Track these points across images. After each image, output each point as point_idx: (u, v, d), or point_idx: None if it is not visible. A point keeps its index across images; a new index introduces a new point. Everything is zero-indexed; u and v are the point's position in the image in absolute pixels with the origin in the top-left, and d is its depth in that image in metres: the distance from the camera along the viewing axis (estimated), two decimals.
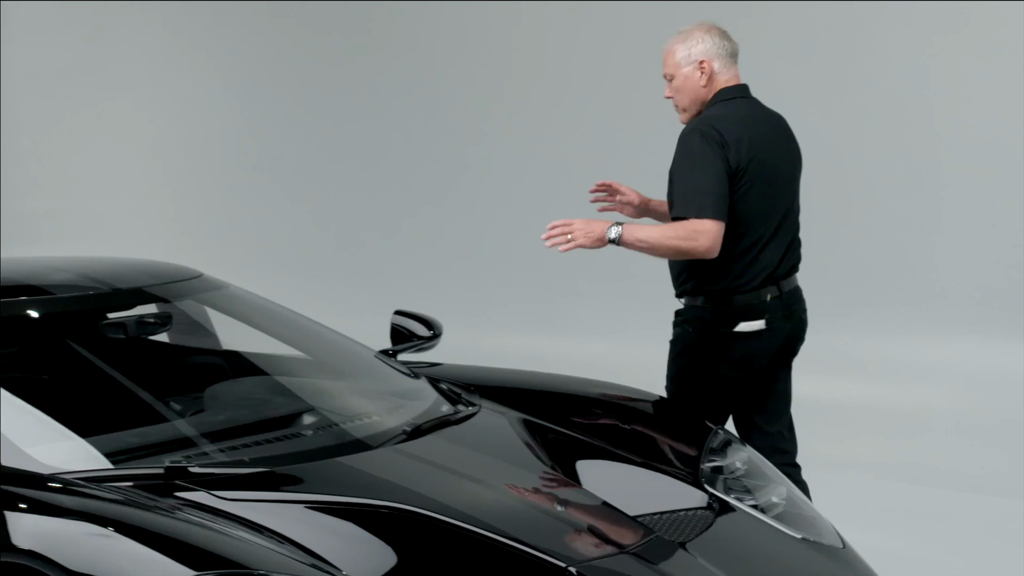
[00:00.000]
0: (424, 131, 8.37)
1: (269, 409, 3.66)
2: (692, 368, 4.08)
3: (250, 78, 9.20)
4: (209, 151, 9.48)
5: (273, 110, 9.09)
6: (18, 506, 2.80)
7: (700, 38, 4.06)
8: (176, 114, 9.62)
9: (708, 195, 3.86)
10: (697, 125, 3.99)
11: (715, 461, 3.51)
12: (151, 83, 9.70)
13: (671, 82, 4.09)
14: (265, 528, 2.82)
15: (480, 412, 3.72)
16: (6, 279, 3.99)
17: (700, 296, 4.04)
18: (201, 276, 4.17)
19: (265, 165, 9.21)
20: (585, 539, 2.99)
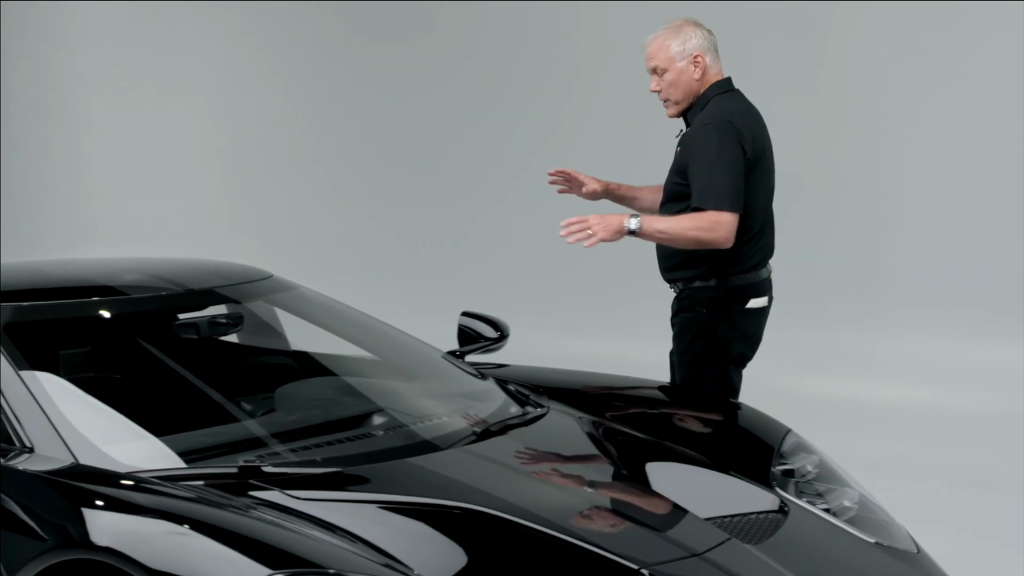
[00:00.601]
0: (489, 133, 8.38)
1: (339, 409, 3.68)
2: (709, 350, 4.16)
3: (317, 82, 9.25)
4: (274, 154, 9.54)
5: (338, 114, 9.13)
6: (96, 504, 2.83)
7: (692, 32, 4.18)
8: (243, 117, 9.69)
9: (727, 189, 4.00)
10: (711, 120, 4.11)
11: (786, 464, 3.48)
12: (219, 87, 9.78)
13: (662, 76, 4.20)
14: (337, 527, 2.84)
15: (549, 413, 3.71)
16: (80, 279, 4.05)
17: (713, 278, 4.13)
18: (271, 277, 4.20)
19: (330, 168, 9.26)
20: (657, 541, 2.96)
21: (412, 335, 4.27)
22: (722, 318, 4.15)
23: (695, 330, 4.17)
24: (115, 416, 3.32)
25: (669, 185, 4.24)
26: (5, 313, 3.53)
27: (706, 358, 4.17)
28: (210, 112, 9.84)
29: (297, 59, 9.32)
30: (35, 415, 3.17)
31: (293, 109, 9.39)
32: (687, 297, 4.20)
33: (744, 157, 4.07)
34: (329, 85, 9.16)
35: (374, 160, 8.99)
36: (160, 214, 10.01)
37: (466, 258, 8.37)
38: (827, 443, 3.89)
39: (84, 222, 10.41)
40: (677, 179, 4.19)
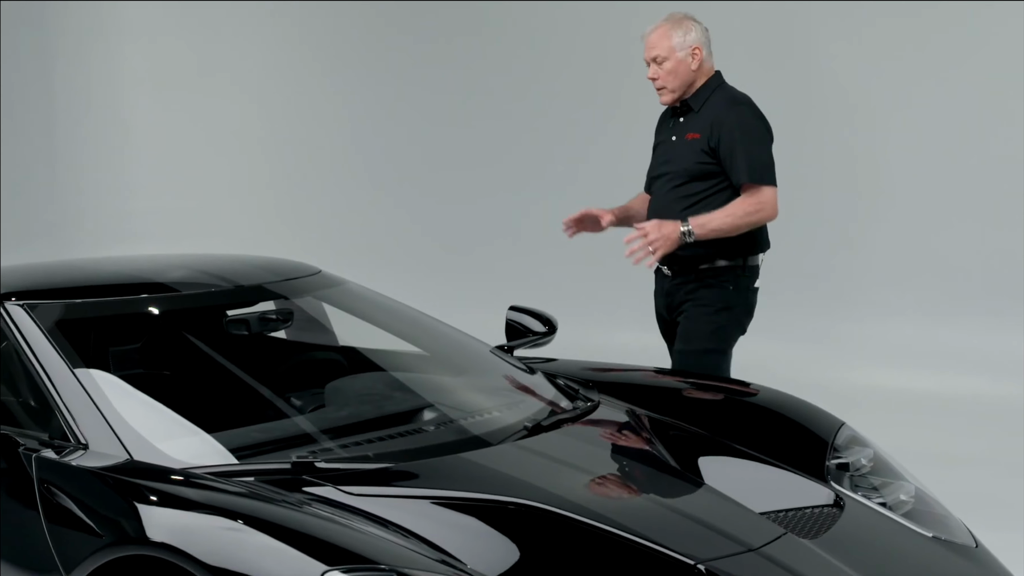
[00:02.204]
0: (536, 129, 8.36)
1: (389, 405, 3.68)
2: (730, 324, 4.47)
3: (361, 77, 9.26)
4: (319, 150, 9.57)
5: (383, 110, 9.15)
6: (151, 500, 2.84)
7: (691, 26, 4.48)
8: (288, 114, 9.72)
9: (769, 165, 4.37)
10: (735, 101, 4.45)
11: (841, 457, 3.44)
12: (263, 83, 9.82)
13: (661, 64, 4.45)
14: (390, 523, 2.84)
15: (599, 408, 3.69)
16: (130, 276, 4.07)
17: (739, 257, 4.42)
18: (320, 273, 4.20)
19: (375, 163, 9.27)
20: (712, 536, 2.93)
21: (460, 330, 4.26)
22: (742, 295, 4.47)
23: (721, 304, 4.43)
24: (167, 413, 3.33)
25: (692, 165, 4.42)
26: (58, 311, 3.55)
27: (727, 330, 4.47)
28: (255, 108, 9.88)
29: (342, 55, 9.34)
30: (89, 412, 3.19)
31: (338, 106, 9.41)
32: (713, 275, 4.42)
33: (769, 136, 4.44)
34: (374, 81, 9.17)
35: (420, 156, 8.99)
36: (204, 211, 10.06)
37: (514, 252, 8.37)
38: (879, 435, 3.86)
39: (128, 218, 10.47)
40: (704, 159, 4.40)
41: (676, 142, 4.51)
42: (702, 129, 4.42)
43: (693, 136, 4.43)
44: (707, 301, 4.43)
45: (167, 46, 10.34)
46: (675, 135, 4.52)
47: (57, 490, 3.02)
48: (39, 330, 3.43)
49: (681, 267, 4.46)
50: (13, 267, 4.14)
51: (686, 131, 4.48)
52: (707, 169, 4.40)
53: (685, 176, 4.43)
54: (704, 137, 4.40)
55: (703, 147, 4.40)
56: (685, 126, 4.50)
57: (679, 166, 4.46)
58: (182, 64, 10.25)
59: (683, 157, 4.45)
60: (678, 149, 4.49)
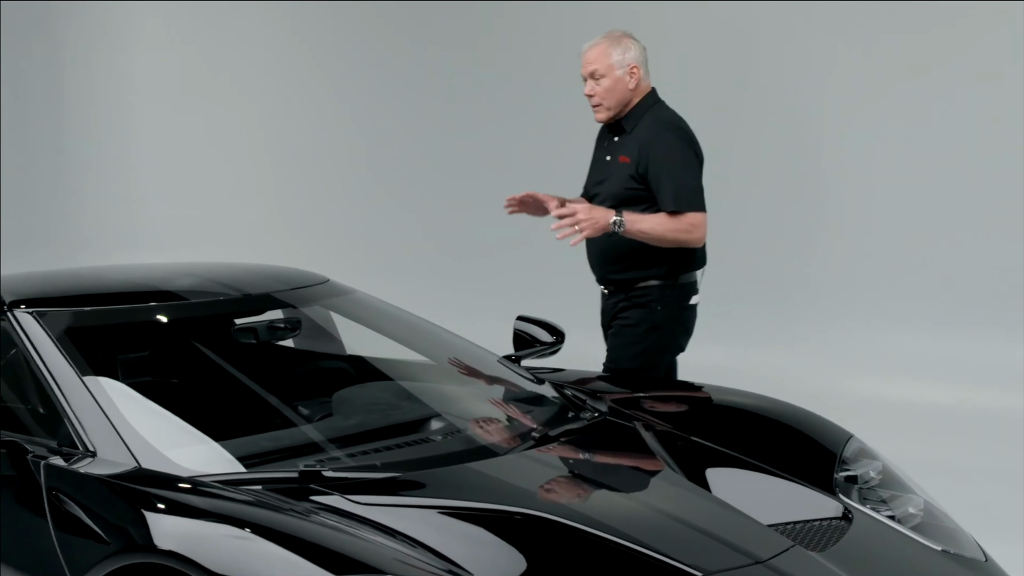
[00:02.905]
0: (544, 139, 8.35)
1: (396, 414, 3.68)
2: (660, 343, 4.48)
3: (368, 86, 9.26)
4: (326, 159, 9.57)
5: (390, 119, 9.15)
6: (159, 507, 2.84)
7: (630, 44, 4.47)
8: (294, 122, 9.74)
9: (696, 191, 4.37)
10: (664, 125, 4.42)
11: (849, 470, 3.43)
12: (271, 91, 9.83)
13: (599, 81, 4.44)
14: (398, 532, 2.83)
15: (607, 419, 3.69)
16: (138, 284, 4.07)
17: (670, 277, 4.43)
18: (328, 282, 4.20)
19: (382, 172, 9.28)
20: (720, 548, 2.92)
21: (468, 339, 4.26)
22: (672, 314, 4.46)
23: (648, 325, 4.44)
24: (175, 421, 3.33)
25: (621, 190, 4.41)
26: (67, 319, 3.55)
27: (656, 350, 4.48)
28: (262, 117, 9.90)
29: (350, 63, 9.35)
30: (98, 420, 3.19)
31: (347, 114, 9.42)
32: (641, 295, 4.44)
33: (698, 160, 4.44)
34: (382, 89, 9.18)
35: (428, 165, 8.99)
36: (212, 219, 10.08)
37: (522, 262, 8.35)
38: (887, 447, 3.85)
39: (135, 227, 10.50)
40: (632, 184, 4.39)
41: (610, 163, 4.51)
42: (631, 153, 4.41)
43: (624, 160, 4.43)
44: (633, 321, 4.45)
45: (174, 54, 10.37)
46: (608, 155, 4.52)
47: (65, 497, 3.02)
48: (48, 337, 3.44)
49: (616, 286, 4.50)
50: (22, 275, 4.15)
51: (619, 152, 4.47)
52: (636, 195, 4.39)
53: (614, 200, 4.41)
54: (633, 162, 4.39)
55: (631, 172, 4.39)
56: (618, 147, 4.50)
57: (609, 190, 4.46)
58: (190, 72, 10.28)
59: (614, 181, 4.45)
60: (610, 170, 4.49)
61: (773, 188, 7.34)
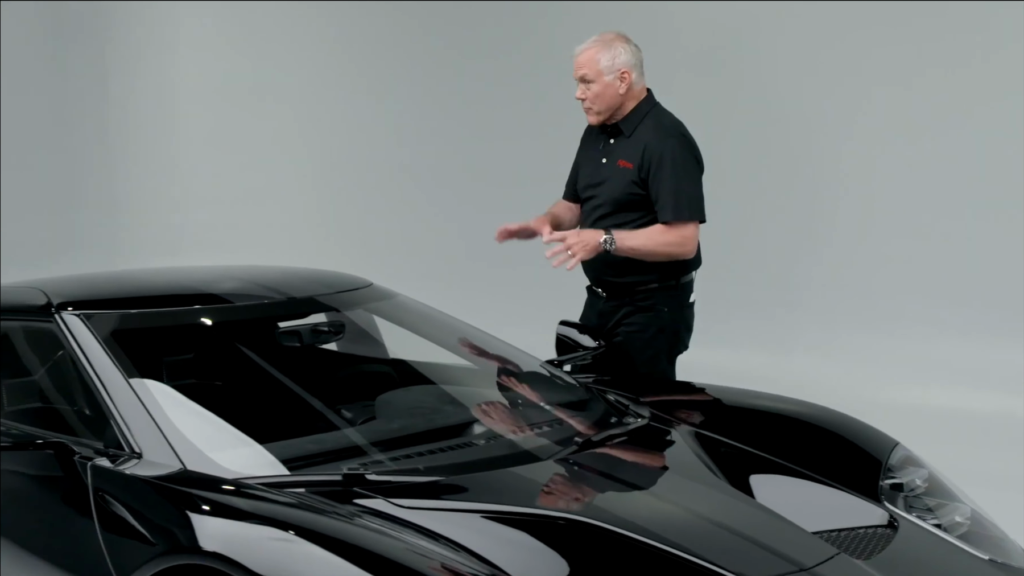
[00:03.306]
0: None
1: (439, 418, 3.68)
2: (668, 344, 4.49)
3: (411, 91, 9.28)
4: (372, 163, 9.58)
5: (431, 123, 9.16)
6: (204, 509, 2.86)
7: (622, 48, 4.39)
8: (337, 126, 9.77)
9: (697, 199, 4.35)
10: (666, 132, 4.37)
11: (895, 478, 3.40)
12: (314, 96, 9.87)
13: (589, 85, 4.39)
14: (441, 536, 2.83)
15: (650, 424, 3.67)
16: (183, 287, 4.11)
17: (673, 278, 4.42)
18: (371, 286, 4.22)
19: (427, 178, 9.28)
20: (763, 555, 2.90)
21: (510, 343, 4.27)
22: (677, 314, 4.47)
23: (656, 328, 4.43)
24: (220, 423, 3.36)
25: (622, 195, 4.37)
26: (113, 321, 3.58)
27: (666, 352, 4.48)
28: (306, 122, 9.93)
29: (391, 68, 9.37)
30: (144, 422, 3.22)
31: (387, 118, 9.44)
32: (644, 298, 4.41)
33: (699, 168, 4.40)
34: (423, 95, 9.20)
35: (470, 170, 8.99)
36: (256, 223, 10.13)
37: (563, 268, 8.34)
38: (932, 455, 3.81)
39: (179, 230, 10.57)
40: (634, 189, 4.35)
41: (606, 165, 4.46)
42: (633, 158, 4.36)
43: (625, 164, 4.38)
44: (641, 326, 4.42)
45: (219, 60, 10.43)
46: (605, 157, 4.47)
47: (111, 498, 3.05)
48: (95, 339, 3.47)
49: (615, 291, 4.46)
50: (68, 277, 4.19)
51: (617, 156, 4.43)
52: (637, 199, 4.36)
53: (613, 205, 4.40)
54: (635, 167, 4.35)
55: (633, 178, 4.35)
56: (616, 150, 4.45)
57: (609, 194, 4.42)
58: (233, 78, 10.34)
59: (613, 185, 4.41)
60: (607, 173, 4.44)
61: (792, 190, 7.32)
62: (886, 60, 6.97)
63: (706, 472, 3.39)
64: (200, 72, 10.55)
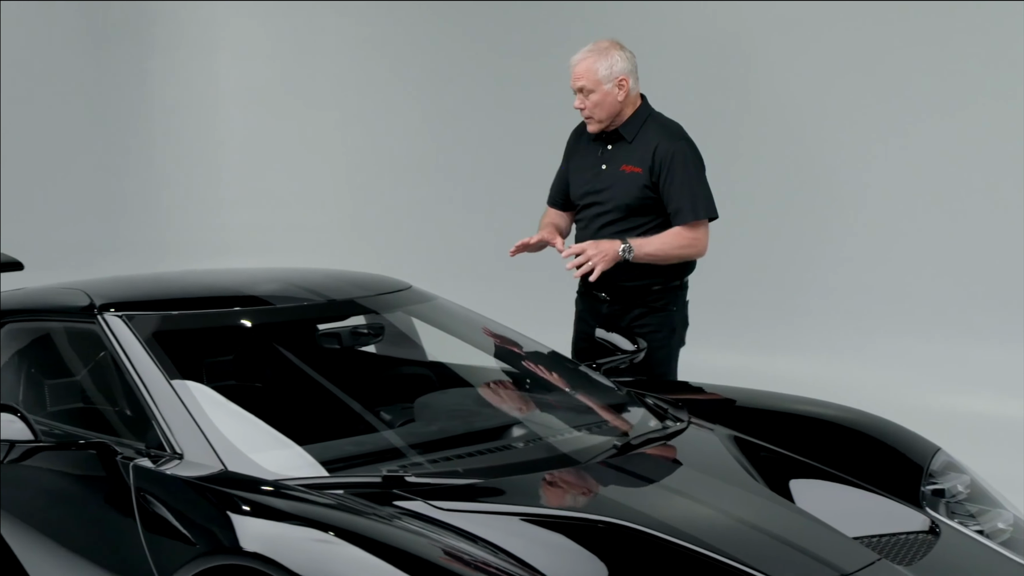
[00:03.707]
0: None
1: (478, 421, 3.68)
2: (677, 343, 4.58)
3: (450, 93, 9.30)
4: (412, 167, 9.61)
5: (473, 128, 9.17)
6: (244, 510, 2.87)
7: (618, 56, 4.45)
8: (377, 129, 9.80)
9: (710, 198, 4.44)
10: (677, 133, 4.46)
11: (936, 483, 3.38)
12: (353, 99, 9.91)
13: (588, 95, 4.45)
14: (480, 538, 2.83)
15: (689, 428, 3.66)
16: (223, 289, 4.13)
17: (679, 278, 4.53)
18: (410, 288, 4.22)
19: (467, 182, 9.30)
20: (803, 560, 2.89)
21: (548, 347, 4.26)
22: (683, 313, 4.59)
23: (669, 328, 4.51)
24: (260, 424, 3.37)
25: (633, 200, 4.41)
26: (155, 322, 3.60)
27: (676, 349, 4.57)
28: (345, 125, 9.97)
29: (430, 70, 9.39)
30: (185, 423, 3.23)
31: (428, 123, 9.46)
32: (656, 299, 4.48)
33: (703, 166, 4.48)
34: (461, 97, 9.21)
35: (509, 174, 9.00)
36: (295, 225, 10.17)
37: None
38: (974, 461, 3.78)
39: (220, 232, 10.62)
40: (646, 193, 4.40)
41: (607, 171, 4.49)
42: (642, 162, 4.41)
43: (632, 169, 4.42)
44: (655, 327, 4.47)
45: (258, 63, 10.49)
46: (604, 164, 4.50)
47: (153, 498, 3.07)
48: (137, 341, 3.49)
49: (624, 295, 4.49)
50: (110, 278, 4.22)
51: (620, 162, 4.46)
52: (648, 203, 4.41)
53: (625, 210, 4.43)
54: (645, 171, 4.39)
55: (645, 182, 4.40)
56: (617, 156, 4.48)
57: (619, 199, 4.44)
58: (274, 81, 10.39)
59: (622, 191, 4.44)
60: (610, 180, 4.47)
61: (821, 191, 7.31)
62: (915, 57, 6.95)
63: (746, 476, 3.38)
64: (240, 75, 10.61)
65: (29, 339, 4.01)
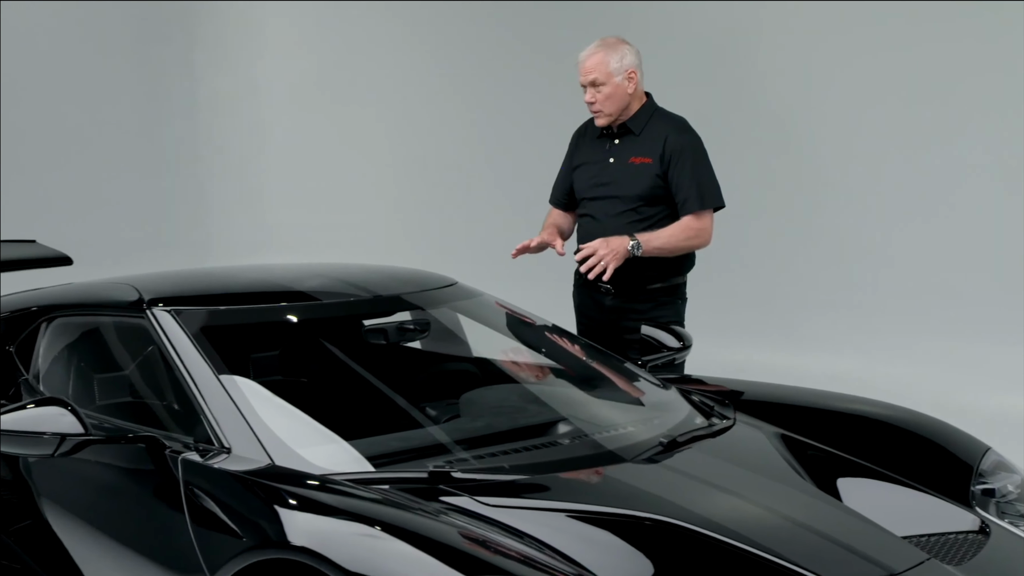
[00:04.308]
0: None
1: (523, 417, 3.67)
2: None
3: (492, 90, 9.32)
4: (457, 162, 9.63)
5: (516, 124, 9.18)
6: (292, 504, 2.88)
7: (626, 50, 4.59)
8: (422, 125, 9.83)
9: (717, 187, 4.55)
10: (683, 125, 4.60)
11: (986, 483, 3.35)
12: (397, 96, 9.94)
13: (599, 89, 4.57)
14: (526, 534, 2.83)
15: (735, 426, 3.64)
16: (269, 284, 4.14)
17: (681, 275, 4.68)
18: (455, 284, 4.22)
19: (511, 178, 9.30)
20: (851, 559, 2.87)
21: (594, 343, 4.25)
22: (683, 307, 4.71)
23: (677, 321, 4.62)
24: (306, 419, 3.37)
25: (645, 190, 4.54)
26: (203, 317, 3.62)
27: None
28: (389, 121, 10.01)
29: (473, 68, 9.41)
30: (233, 417, 3.25)
31: (472, 119, 9.48)
32: (666, 294, 4.61)
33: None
34: (504, 94, 9.22)
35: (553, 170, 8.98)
36: (341, 221, 10.21)
37: None
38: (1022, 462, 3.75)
39: (263, 229, 10.69)
40: (658, 183, 4.52)
41: (615, 164, 4.60)
42: (652, 153, 4.54)
43: (643, 160, 4.54)
44: (667, 320, 4.53)
45: (304, 62, 10.54)
46: (612, 157, 4.61)
47: (201, 492, 3.09)
48: (186, 335, 3.51)
49: (631, 289, 4.57)
50: (158, 274, 4.25)
51: (628, 155, 4.58)
52: (659, 193, 4.53)
53: (636, 200, 4.55)
54: (656, 162, 4.52)
55: (656, 172, 4.52)
56: (624, 149, 4.60)
57: (629, 190, 4.55)
58: (318, 79, 10.44)
59: (633, 181, 4.55)
60: (618, 173, 4.59)
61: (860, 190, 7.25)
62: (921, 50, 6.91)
63: (793, 474, 3.36)
64: (286, 74, 10.67)
65: (78, 333, 4.04)
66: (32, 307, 4.14)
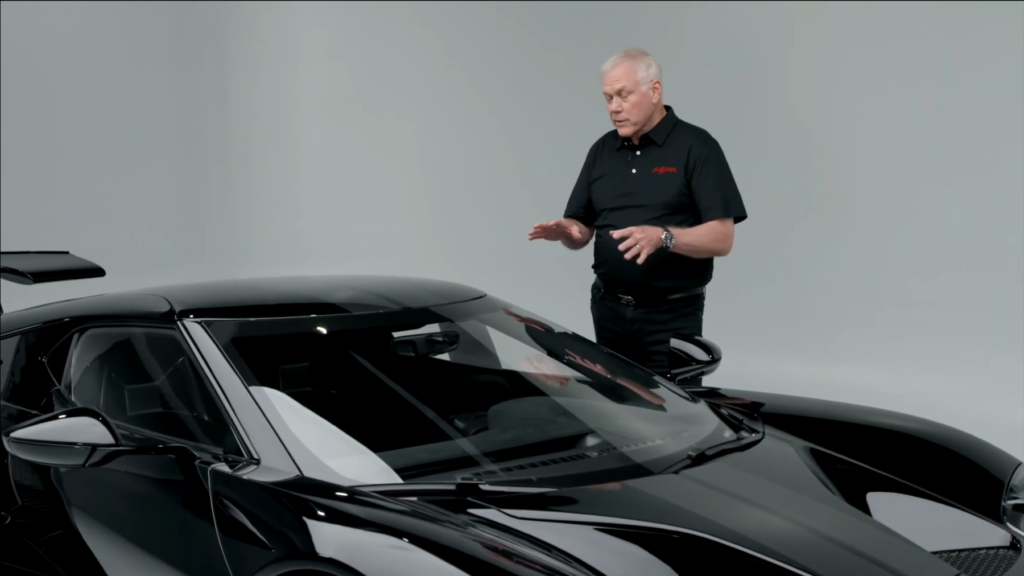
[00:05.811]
0: None
1: (551, 430, 3.67)
2: None
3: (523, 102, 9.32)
4: (487, 175, 9.63)
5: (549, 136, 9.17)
6: (320, 515, 2.89)
7: (650, 61, 4.71)
8: (454, 137, 9.83)
9: (739, 198, 4.64)
10: (705, 135, 4.69)
11: (1017, 498, 3.33)
12: (429, 107, 9.95)
13: (626, 98, 4.65)
14: (555, 547, 2.83)
15: (764, 439, 3.63)
16: (299, 296, 4.15)
17: (702, 285, 4.75)
18: (485, 296, 4.23)
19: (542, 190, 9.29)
20: (882, 573, 2.85)
21: (622, 356, 4.25)
22: (701, 316, 4.76)
23: (697, 332, 4.68)
24: (335, 431, 3.38)
25: (672, 198, 4.62)
26: (232, 328, 3.64)
27: None
28: (422, 132, 10.02)
29: (504, 79, 9.42)
30: (262, 428, 3.26)
31: (505, 131, 9.48)
32: (685, 304, 4.68)
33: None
34: (535, 105, 9.22)
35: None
36: (369, 233, 10.24)
37: None
38: None
39: (296, 239, 10.72)
40: (684, 191, 4.61)
41: (638, 175, 4.68)
42: (676, 162, 4.64)
43: (667, 170, 4.62)
44: (688, 331, 4.59)
45: (336, 71, 10.58)
46: (635, 168, 4.69)
47: (230, 503, 3.10)
48: (216, 347, 3.53)
49: (650, 297, 4.64)
50: (189, 285, 4.28)
51: (651, 165, 4.66)
52: (684, 201, 4.62)
53: (662, 209, 4.63)
54: (680, 171, 4.62)
55: (682, 180, 4.62)
56: (647, 160, 4.68)
57: (654, 199, 4.62)
58: (351, 89, 10.47)
59: (658, 190, 4.63)
60: (642, 183, 4.66)
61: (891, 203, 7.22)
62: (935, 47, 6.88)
63: (822, 488, 3.35)
64: (318, 83, 10.71)
65: (109, 344, 4.07)
66: (64, 318, 4.17)
